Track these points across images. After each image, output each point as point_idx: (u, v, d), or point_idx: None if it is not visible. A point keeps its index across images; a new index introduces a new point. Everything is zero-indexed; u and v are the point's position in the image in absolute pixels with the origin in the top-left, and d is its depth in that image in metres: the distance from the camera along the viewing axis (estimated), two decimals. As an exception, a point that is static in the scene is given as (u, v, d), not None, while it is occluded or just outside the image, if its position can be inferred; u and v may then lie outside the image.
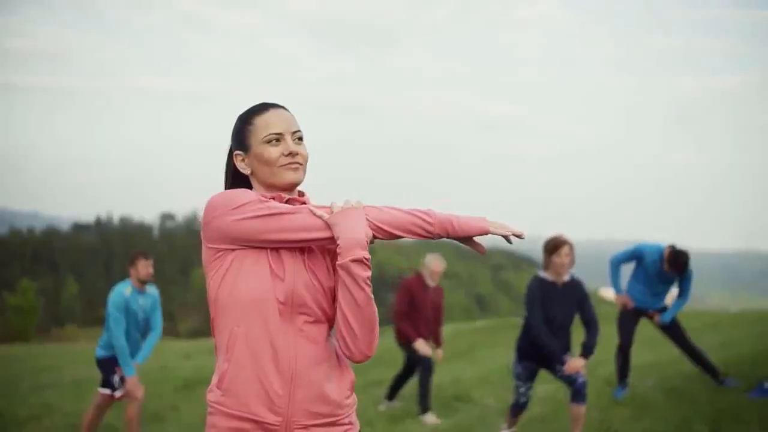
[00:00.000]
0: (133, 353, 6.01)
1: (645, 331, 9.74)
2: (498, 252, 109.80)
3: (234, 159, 2.17)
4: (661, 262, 6.65)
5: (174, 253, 68.48)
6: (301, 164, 2.11)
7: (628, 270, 6.98)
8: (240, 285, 2.00)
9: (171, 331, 42.45)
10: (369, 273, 1.99)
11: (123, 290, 5.93)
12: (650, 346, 9.38)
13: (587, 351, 5.24)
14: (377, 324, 2.05)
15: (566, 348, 5.31)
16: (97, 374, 6.19)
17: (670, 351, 9.34)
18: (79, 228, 79.44)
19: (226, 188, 2.22)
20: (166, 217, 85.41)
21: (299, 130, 2.13)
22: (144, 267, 5.99)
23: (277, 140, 2.09)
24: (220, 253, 2.03)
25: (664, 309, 6.88)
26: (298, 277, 2.03)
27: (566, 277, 5.32)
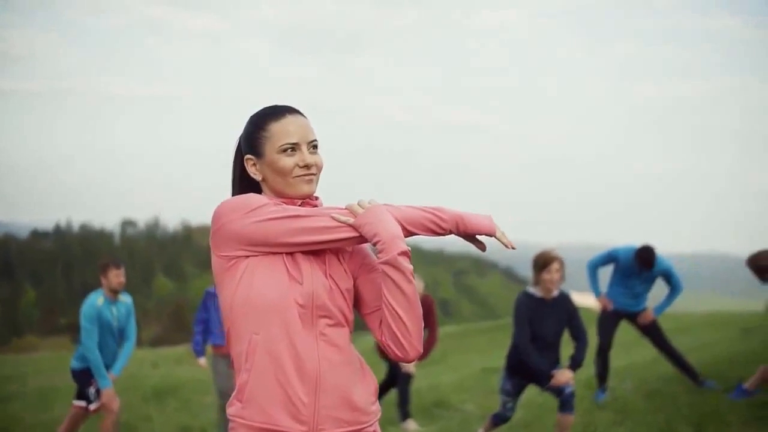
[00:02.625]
0: (110, 364, 5.85)
1: (619, 333, 9.79)
2: (461, 257, 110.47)
3: (245, 163, 2.08)
4: (635, 262, 6.71)
5: (135, 261, 67.48)
6: (315, 175, 2.04)
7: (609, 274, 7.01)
8: (257, 291, 1.92)
9: (134, 339, 41.76)
10: (412, 267, 1.94)
11: (95, 301, 5.78)
12: (625, 348, 9.43)
13: (575, 364, 5.18)
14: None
15: (555, 364, 5.23)
16: (62, 384, 6.04)
17: (645, 353, 9.42)
18: (37, 235, 77.89)
19: (233, 192, 2.14)
20: (127, 223, 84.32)
21: (315, 139, 2.05)
22: (115, 276, 5.83)
23: (293, 150, 2.01)
24: (233, 261, 1.95)
25: (644, 311, 6.90)
26: (317, 280, 1.96)
27: (555, 292, 5.23)
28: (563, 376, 5.09)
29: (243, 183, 2.11)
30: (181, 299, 59.27)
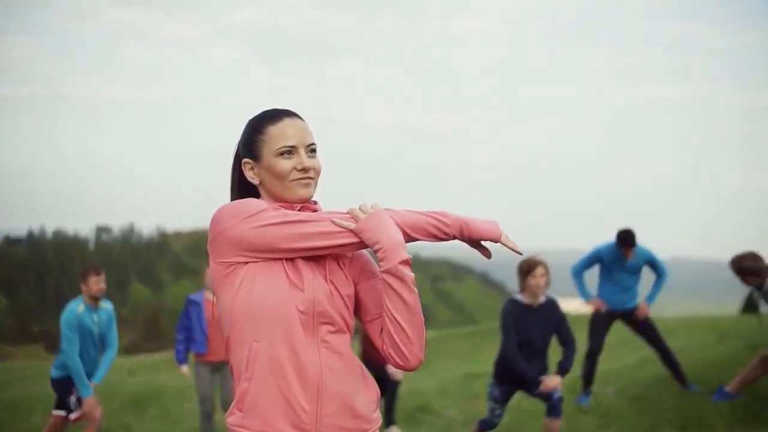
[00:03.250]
0: (91, 372, 5.77)
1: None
2: (437, 262, 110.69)
3: (242, 167, 2.05)
4: (618, 252, 6.76)
5: (110, 267, 66.78)
6: (313, 179, 2.01)
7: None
8: (257, 297, 1.89)
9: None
10: (413, 275, 1.92)
11: (75, 308, 5.69)
12: (605, 352, 9.45)
13: (563, 370, 5.18)
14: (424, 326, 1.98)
15: (543, 371, 5.23)
16: (37, 393, 5.94)
17: (626, 358, 9.48)
18: (9, 242, 76.90)
19: (232, 196, 2.11)
20: (102, 230, 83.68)
21: (313, 143, 2.03)
22: (95, 283, 5.75)
23: (291, 153, 1.98)
24: (232, 268, 1.91)
25: (638, 307, 6.93)
26: (318, 286, 1.93)
27: (542, 299, 5.24)
28: (551, 382, 5.09)
29: (241, 187, 2.08)
30: (156, 306, 58.85)
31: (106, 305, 5.93)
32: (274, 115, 2.03)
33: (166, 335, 50.88)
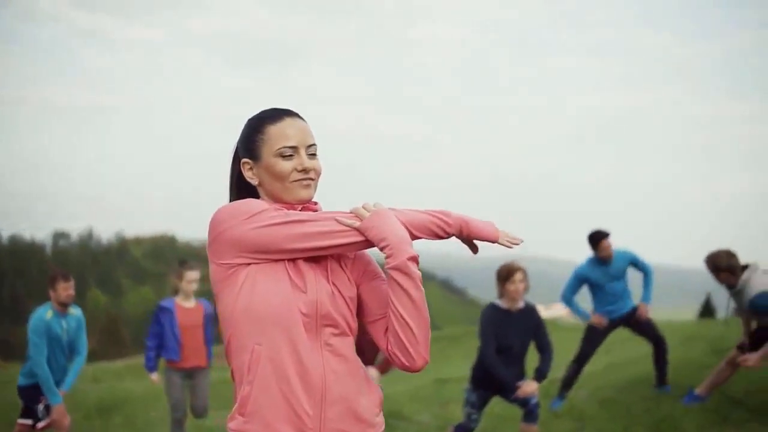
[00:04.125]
0: (59, 380, 5.64)
1: (568, 343, 9.88)
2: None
3: (241, 167, 2.01)
4: (596, 260, 6.83)
5: (68, 273, 65.76)
6: (313, 180, 1.97)
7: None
8: (259, 300, 1.84)
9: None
10: (420, 272, 1.90)
11: (43, 314, 5.56)
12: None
13: (541, 376, 5.20)
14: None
15: (521, 376, 5.24)
16: (7, 401, 5.78)
17: (596, 361, 9.51)
18: (-36, 248, 75.19)
19: (231, 197, 2.07)
20: (59, 235, 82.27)
21: (314, 144, 1.99)
22: (64, 289, 5.62)
23: (291, 154, 1.94)
24: (233, 269, 1.87)
25: (635, 309, 6.97)
26: (321, 287, 1.89)
27: (521, 304, 5.25)
28: (529, 387, 5.11)
29: (240, 187, 2.04)
30: (115, 312, 57.91)
31: (75, 311, 5.81)
32: (275, 115, 1.99)
33: (126, 342, 50.12)
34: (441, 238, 2.02)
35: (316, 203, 2.03)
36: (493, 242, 2.06)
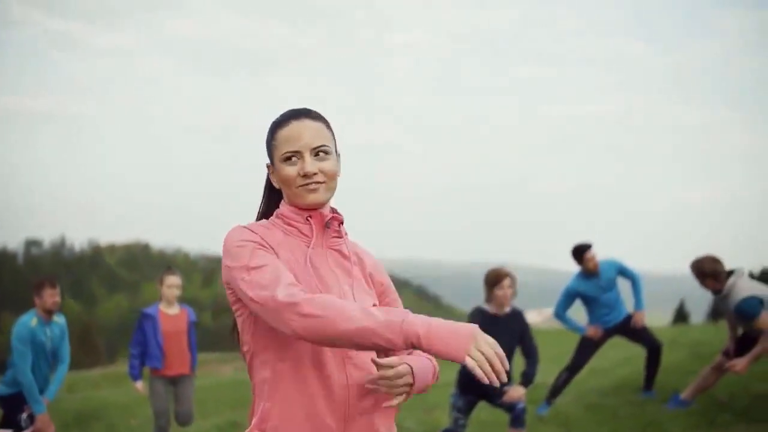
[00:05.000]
0: (43, 388, 5.55)
1: (556, 348, 9.93)
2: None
3: (269, 171, 2.01)
4: (584, 273, 6.87)
5: (40, 281, 64.92)
6: (321, 183, 1.90)
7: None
8: None
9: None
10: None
11: (28, 321, 5.47)
12: (559, 363, 9.56)
13: (527, 380, 5.22)
14: None
15: (507, 380, 5.23)
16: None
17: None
18: (-67, 256, 73.97)
19: (262, 199, 2.06)
20: (32, 243, 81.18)
21: (323, 145, 1.91)
22: (50, 296, 5.54)
23: (294, 158, 1.90)
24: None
25: (629, 317, 7.01)
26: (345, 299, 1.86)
27: (507, 309, 5.27)
28: (516, 392, 5.12)
29: (271, 190, 2.04)
30: (89, 321, 57.20)
31: (59, 319, 5.74)
32: (283, 119, 1.94)
33: (100, 350, 49.54)
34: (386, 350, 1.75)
35: (334, 211, 1.99)
36: (459, 363, 1.71)
